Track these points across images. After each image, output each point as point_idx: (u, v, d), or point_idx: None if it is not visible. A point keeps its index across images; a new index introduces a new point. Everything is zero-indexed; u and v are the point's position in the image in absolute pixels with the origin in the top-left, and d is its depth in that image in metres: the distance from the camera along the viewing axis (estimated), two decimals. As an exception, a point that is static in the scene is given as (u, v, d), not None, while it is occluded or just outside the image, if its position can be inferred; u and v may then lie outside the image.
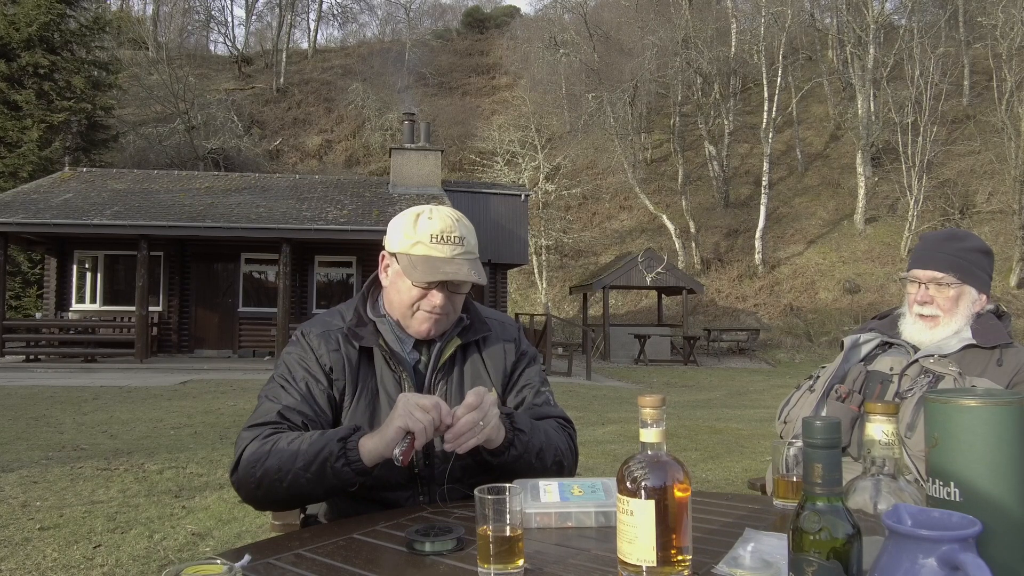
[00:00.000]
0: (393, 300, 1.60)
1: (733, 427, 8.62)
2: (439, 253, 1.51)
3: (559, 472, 1.57)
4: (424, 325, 1.57)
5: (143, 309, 15.57)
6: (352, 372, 1.56)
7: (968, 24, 32.71)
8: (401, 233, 1.56)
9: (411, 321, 1.58)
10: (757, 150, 31.64)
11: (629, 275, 21.89)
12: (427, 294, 1.53)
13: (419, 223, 1.54)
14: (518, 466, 1.47)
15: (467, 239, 1.55)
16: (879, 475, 0.92)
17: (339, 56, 48.43)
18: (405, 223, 1.56)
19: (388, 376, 1.57)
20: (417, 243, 1.52)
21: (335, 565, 1.13)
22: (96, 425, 7.71)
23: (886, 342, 2.05)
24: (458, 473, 1.54)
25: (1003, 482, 0.85)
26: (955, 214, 27.77)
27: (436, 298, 1.53)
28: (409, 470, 1.52)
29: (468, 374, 1.63)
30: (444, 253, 1.52)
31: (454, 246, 1.52)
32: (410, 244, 1.53)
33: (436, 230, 1.52)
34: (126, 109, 33.26)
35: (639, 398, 1.01)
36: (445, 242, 1.52)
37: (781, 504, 1.43)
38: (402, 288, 1.55)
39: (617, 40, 35.18)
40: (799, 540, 0.81)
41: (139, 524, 4.11)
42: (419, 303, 1.55)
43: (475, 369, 1.64)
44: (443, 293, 1.53)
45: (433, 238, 1.52)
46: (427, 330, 1.57)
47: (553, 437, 1.58)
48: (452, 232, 1.53)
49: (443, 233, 1.52)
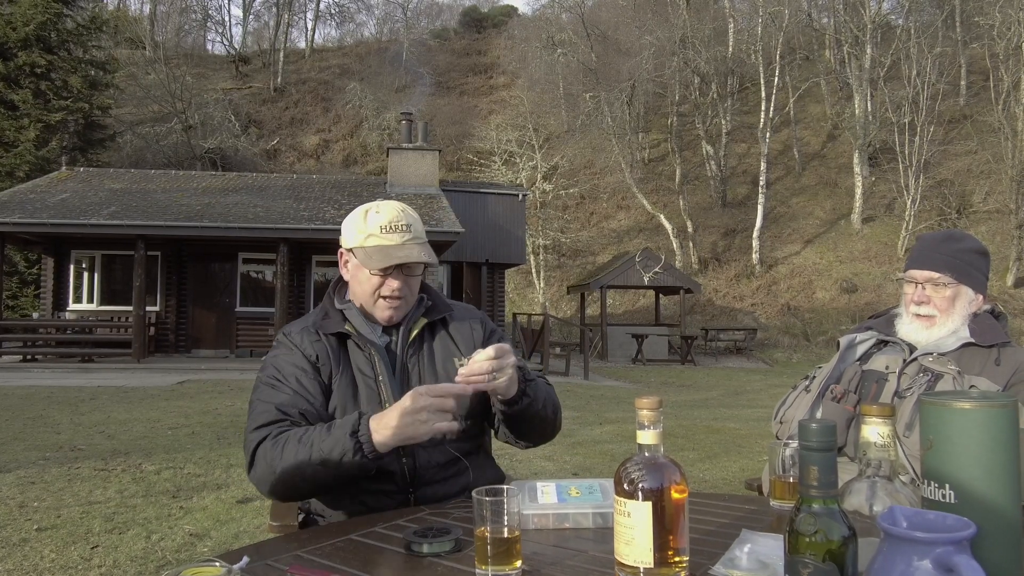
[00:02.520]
0: (356, 292, 1.72)
1: (730, 427, 8.63)
2: (390, 241, 1.65)
3: (555, 421, 1.74)
4: (387, 312, 1.69)
5: (140, 309, 15.54)
6: (335, 358, 1.66)
7: (965, 24, 32.75)
8: (354, 229, 1.69)
9: (375, 310, 1.70)
10: (755, 150, 31.66)
11: (627, 275, 21.91)
12: (385, 280, 1.66)
13: (368, 218, 1.67)
14: (529, 413, 1.61)
15: (413, 226, 1.68)
16: (875, 477, 0.93)
17: (337, 56, 48.42)
18: (356, 220, 1.70)
19: (359, 356, 1.67)
20: (369, 235, 1.66)
21: (333, 566, 1.13)
22: (93, 425, 7.70)
23: (882, 341, 2.06)
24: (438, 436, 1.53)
25: (997, 484, 0.85)
26: (952, 214, 27.82)
27: (393, 283, 1.66)
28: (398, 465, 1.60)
29: (438, 349, 1.73)
30: (394, 241, 1.65)
31: (402, 233, 1.66)
32: (363, 237, 1.66)
33: (384, 221, 1.66)
34: (123, 109, 33.21)
35: (636, 400, 1.02)
36: (394, 231, 1.65)
37: (778, 505, 1.43)
38: (362, 279, 1.68)
39: (615, 40, 35.19)
40: (795, 542, 0.81)
41: (137, 525, 4.10)
42: (379, 290, 1.67)
43: (444, 344, 1.74)
44: (399, 278, 1.66)
45: (383, 229, 1.65)
46: (390, 316, 1.69)
47: (548, 389, 1.73)
48: (399, 221, 1.66)
49: (391, 223, 1.66)
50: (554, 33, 38.50)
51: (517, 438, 1.72)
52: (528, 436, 1.72)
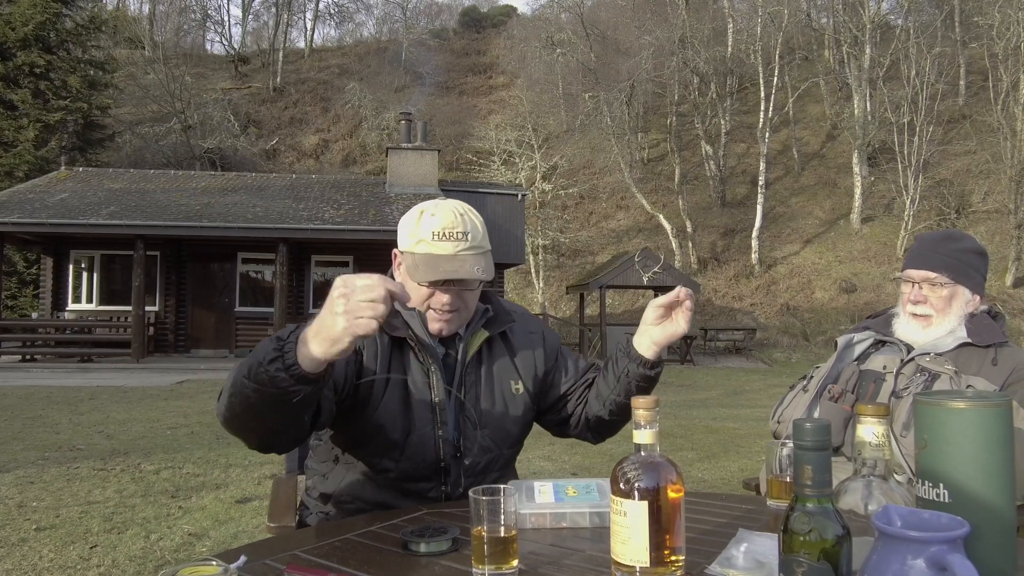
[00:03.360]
0: (412, 298, 1.57)
1: (729, 426, 8.63)
2: (441, 251, 1.48)
3: None
4: (436, 325, 1.55)
5: (140, 309, 15.55)
6: (384, 359, 1.53)
7: (964, 24, 32.76)
8: (407, 232, 1.55)
9: (426, 318, 1.57)
10: (754, 150, 31.66)
11: (626, 275, 21.90)
12: (434, 293, 1.52)
13: (422, 220, 1.52)
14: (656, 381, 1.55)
15: (471, 233, 1.51)
16: (870, 476, 0.93)
17: (336, 56, 48.39)
18: (410, 221, 1.55)
19: (416, 366, 1.55)
20: (420, 241, 1.50)
21: (331, 566, 1.13)
22: (92, 425, 7.70)
23: (880, 341, 2.06)
24: (483, 465, 1.58)
25: (992, 484, 0.85)
26: (951, 214, 27.83)
27: (443, 297, 1.51)
28: (436, 462, 1.54)
29: (497, 370, 1.63)
30: (446, 250, 1.48)
31: (457, 242, 1.49)
32: (414, 242, 1.51)
33: (438, 227, 1.49)
34: (122, 108, 33.17)
35: (632, 400, 1.02)
36: (447, 239, 1.49)
37: (775, 504, 1.43)
38: (412, 287, 1.53)
39: (614, 40, 35.18)
40: (789, 541, 0.81)
41: (135, 524, 4.10)
42: (428, 302, 1.53)
43: (503, 365, 1.64)
44: (450, 292, 1.51)
45: (435, 235, 1.49)
46: (439, 329, 1.56)
47: None
48: (455, 228, 1.49)
49: (445, 229, 1.49)
50: (553, 33, 38.48)
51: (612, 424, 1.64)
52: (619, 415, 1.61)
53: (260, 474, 5.41)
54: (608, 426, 1.67)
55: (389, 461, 1.52)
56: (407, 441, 1.51)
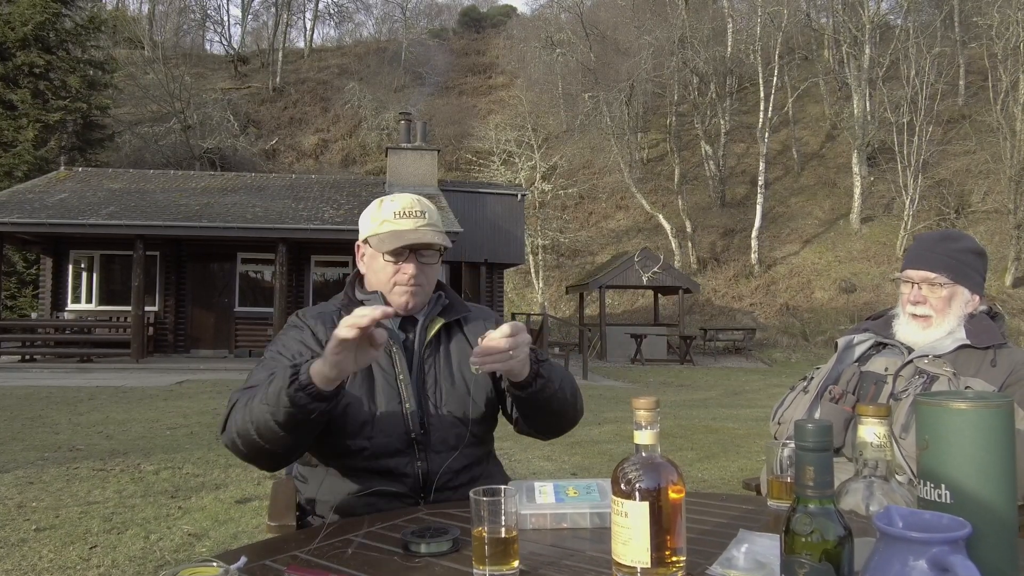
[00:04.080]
0: (373, 282, 1.71)
1: (729, 427, 8.63)
2: (404, 226, 1.65)
3: (575, 403, 1.68)
4: (403, 298, 1.67)
5: (139, 309, 15.53)
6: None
7: (964, 24, 32.79)
8: (368, 218, 1.71)
9: (391, 297, 1.68)
10: (753, 150, 31.68)
11: (625, 275, 21.90)
12: (400, 266, 1.65)
13: (383, 206, 1.70)
14: (545, 395, 1.55)
15: (428, 213, 1.69)
16: (871, 477, 0.93)
17: (335, 56, 48.40)
18: (371, 210, 1.72)
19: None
20: (384, 222, 1.67)
21: (331, 566, 1.13)
22: (92, 425, 7.69)
23: (880, 343, 2.06)
24: (453, 440, 1.62)
25: (993, 484, 0.85)
26: (951, 214, 27.84)
27: (408, 267, 1.65)
28: (406, 434, 1.59)
29: (454, 351, 1.71)
30: (409, 225, 1.65)
31: (417, 219, 1.66)
32: (377, 224, 1.67)
33: (399, 208, 1.67)
34: (122, 108, 33.16)
35: (633, 400, 1.02)
36: (408, 216, 1.66)
37: (775, 505, 1.43)
38: (377, 268, 1.68)
39: (613, 40, 35.19)
40: (791, 542, 0.81)
41: (135, 525, 4.10)
42: (394, 277, 1.66)
43: (460, 346, 1.71)
44: (413, 263, 1.65)
45: (396, 214, 1.67)
46: (406, 302, 1.67)
47: (565, 371, 1.69)
48: (413, 208, 1.68)
49: (405, 209, 1.67)
50: (553, 33, 38.52)
51: (537, 429, 1.69)
52: (548, 424, 1.67)
53: (260, 474, 5.40)
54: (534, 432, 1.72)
55: (362, 440, 1.58)
56: (376, 418, 1.59)
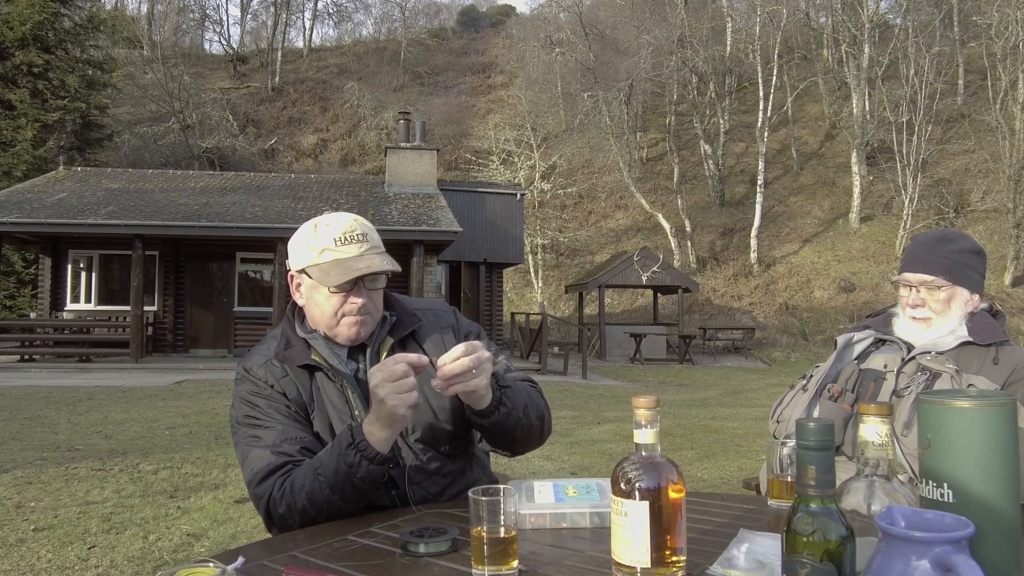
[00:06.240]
0: (315, 316, 1.55)
1: (729, 426, 8.63)
2: (348, 253, 1.49)
3: (541, 427, 1.58)
4: (352, 329, 1.53)
5: (138, 309, 15.52)
6: (306, 392, 1.53)
7: (963, 23, 32.80)
8: (304, 247, 1.54)
9: (339, 330, 1.53)
10: (752, 149, 31.68)
11: (625, 274, 21.91)
12: (347, 298, 1.50)
13: (319, 231, 1.52)
14: (509, 423, 1.46)
15: (369, 235, 1.54)
16: (873, 476, 0.92)
17: (334, 55, 48.39)
18: (305, 235, 1.54)
19: (331, 389, 1.54)
20: (324, 250, 1.50)
21: (329, 567, 1.13)
22: (91, 425, 7.68)
23: (879, 339, 2.06)
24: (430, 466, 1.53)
25: (996, 484, 0.85)
26: (950, 213, 27.86)
27: (356, 300, 1.50)
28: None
29: None
30: (352, 252, 1.50)
31: (360, 243, 1.51)
32: (317, 253, 1.51)
33: (338, 233, 1.51)
34: (121, 108, 33.16)
35: (632, 399, 1.02)
36: (350, 241, 1.50)
37: (775, 504, 1.43)
38: (320, 300, 1.52)
39: (613, 39, 35.18)
40: (792, 542, 0.81)
41: (134, 525, 4.10)
42: (341, 309, 1.51)
43: None
44: (362, 294, 1.50)
45: (337, 241, 1.50)
46: (356, 333, 1.53)
47: (532, 393, 1.58)
48: (354, 231, 1.51)
49: (345, 234, 1.51)
50: (552, 32, 38.48)
51: (502, 448, 1.59)
52: (512, 446, 1.57)
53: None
54: (499, 451, 1.62)
55: None
56: None
